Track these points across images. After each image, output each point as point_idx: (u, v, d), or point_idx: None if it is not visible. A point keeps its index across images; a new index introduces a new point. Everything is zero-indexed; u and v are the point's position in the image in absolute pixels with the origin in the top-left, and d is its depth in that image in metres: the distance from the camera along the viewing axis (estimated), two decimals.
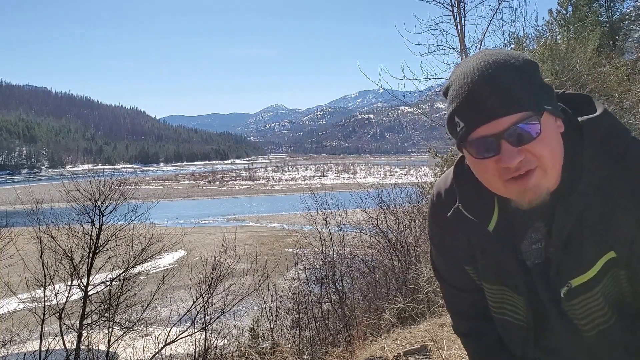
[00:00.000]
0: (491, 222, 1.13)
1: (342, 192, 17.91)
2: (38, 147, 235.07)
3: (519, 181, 0.98)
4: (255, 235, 35.31)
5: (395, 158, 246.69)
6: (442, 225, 1.24)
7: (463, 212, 1.15)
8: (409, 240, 11.29)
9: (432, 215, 1.29)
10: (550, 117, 1.00)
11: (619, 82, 11.98)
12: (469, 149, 1.01)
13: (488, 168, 1.00)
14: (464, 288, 1.31)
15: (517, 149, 0.96)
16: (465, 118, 0.99)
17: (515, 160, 0.96)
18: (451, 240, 1.24)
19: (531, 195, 1.00)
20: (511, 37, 11.62)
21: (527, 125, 0.96)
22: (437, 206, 1.26)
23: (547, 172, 0.99)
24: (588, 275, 1.04)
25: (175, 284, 12.41)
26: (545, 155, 0.97)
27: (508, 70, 0.97)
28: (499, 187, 1.02)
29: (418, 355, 4.45)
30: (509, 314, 1.20)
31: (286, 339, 10.42)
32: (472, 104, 0.97)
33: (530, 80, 0.99)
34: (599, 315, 1.07)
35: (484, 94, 0.96)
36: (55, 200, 12.67)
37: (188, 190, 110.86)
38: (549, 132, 0.99)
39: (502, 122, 0.95)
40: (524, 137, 0.96)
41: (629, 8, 18.64)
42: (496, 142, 0.97)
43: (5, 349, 9.29)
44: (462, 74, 1.01)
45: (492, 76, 0.97)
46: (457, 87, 1.00)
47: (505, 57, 1.00)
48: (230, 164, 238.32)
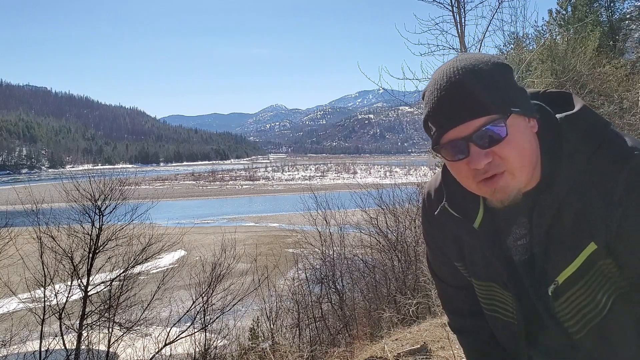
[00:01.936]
0: (477, 220, 1.17)
1: (342, 192, 17.91)
2: (38, 147, 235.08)
3: (488, 183, 1.02)
4: (255, 235, 35.29)
5: (395, 158, 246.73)
6: (432, 223, 1.29)
7: (449, 210, 1.19)
8: (409, 240, 11.30)
9: (424, 214, 1.34)
10: (520, 119, 1.03)
11: (619, 82, 11.98)
12: (443, 152, 1.05)
13: (461, 170, 1.05)
14: (456, 285, 1.34)
15: (485, 152, 1.00)
16: (436, 123, 1.03)
17: (483, 162, 1.00)
18: (441, 238, 1.29)
19: (501, 196, 1.04)
20: (511, 37, 11.64)
21: (494, 127, 0.99)
22: (427, 205, 1.31)
23: (515, 174, 1.02)
24: (571, 268, 1.06)
25: (175, 284, 12.41)
26: (511, 158, 1.00)
27: (475, 75, 1.01)
28: (473, 187, 1.06)
29: (418, 355, 4.45)
30: (499, 311, 1.22)
31: (286, 339, 10.41)
32: (441, 109, 1.02)
33: (497, 83, 1.02)
34: (588, 310, 1.08)
35: (451, 99, 1.00)
36: (55, 200, 12.66)
37: (188, 190, 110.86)
38: (518, 134, 1.02)
39: (469, 126, 0.99)
40: (491, 140, 0.99)
41: (629, 8, 18.63)
42: (465, 144, 1.01)
43: (5, 349, 9.29)
44: (434, 80, 1.05)
45: (458, 82, 1.00)
46: (429, 93, 1.05)
47: (474, 62, 1.03)
48: (230, 164, 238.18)
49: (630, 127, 9.73)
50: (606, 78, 11.77)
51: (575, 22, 15.00)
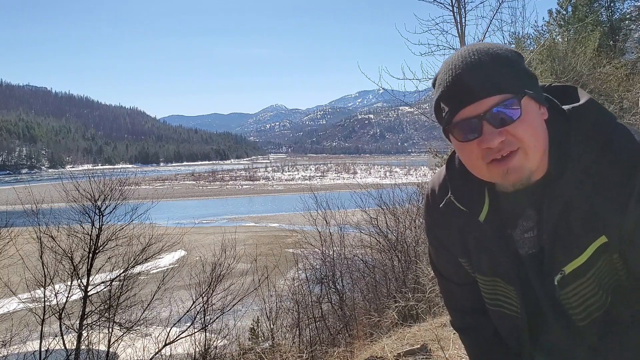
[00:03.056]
0: (482, 213, 1.16)
1: (342, 192, 17.91)
2: (38, 147, 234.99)
3: (502, 163, 1.01)
4: (255, 235, 35.28)
5: (395, 158, 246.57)
6: (435, 218, 1.28)
7: (455, 203, 1.18)
8: (409, 240, 11.29)
9: (427, 210, 1.33)
10: (532, 103, 1.03)
11: (619, 82, 11.98)
12: (454, 132, 1.04)
13: (472, 150, 1.03)
14: (459, 282, 1.34)
15: (498, 130, 0.99)
16: (450, 102, 1.03)
17: (496, 141, 0.99)
18: (445, 233, 1.28)
19: (514, 177, 1.03)
20: (511, 37, 11.62)
21: (507, 108, 0.99)
22: (431, 200, 1.30)
23: (528, 153, 1.01)
24: (580, 260, 1.06)
25: (175, 284, 12.41)
26: (526, 137, 1.00)
27: (490, 57, 1.02)
28: (482, 170, 1.05)
29: (418, 355, 4.45)
30: (504, 306, 1.22)
31: (286, 339, 10.42)
32: (455, 88, 1.02)
33: (512, 66, 1.03)
34: (593, 301, 1.09)
35: (466, 77, 1.00)
36: (55, 201, 12.65)
37: (188, 190, 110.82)
38: (531, 116, 1.02)
39: (483, 104, 0.99)
40: (504, 119, 0.99)
41: (629, 8, 18.63)
42: (478, 123, 1.00)
43: (5, 349, 9.28)
44: (448, 63, 1.06)
45: (474, 62, 1.01)
46: (443, 75, 1.06)
47: (489, 46, 1.05)
48: (230, 164, 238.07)
49: None
50: (606, 78, 11.77)
51: (575, 22, 15.01)
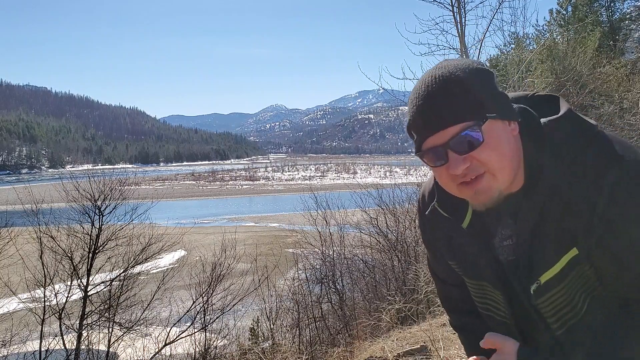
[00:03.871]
0: (465, 220, 1.21)
1: (342, 192, 17.92)
2: (38, 147, 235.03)
3: (469, 185, 1.05)
4: (255, 235, 35.26)
5: (395, 158, 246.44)
6: (425, 223, 1.34)
7: (439, 210, 1.22)
8: (409, 241, 11.30)
9: (419, 214, 1.38)
10: (498, 123, 1.05)
11: (619, 82, 11.98)
12: (424, 158, 1.09)
13: (442, 174, 1.09)
14: (453, 283, 1.38)
15: (462, 157, 1.03)
16: (417, 131, 1.07)
17: (460, 168, 1.03)
18: (434, 237, 1.34)
19: (483, 198, 1.07)
20: (511, 37, 11.63)
21: (471, 133, 1.02)
22: (421, 205, 1.35)
23: (496, 175, 1.04)
24: (553, 270, 1.09)
25: (175, 284, 12.41)
26: (491, 161, 1.03)
27: (451, 83, 1.03)
28: (454, 190, 1.10)
29: (418, 356, 4.45)
30: (492, 310, 1.25)
31: (286, 339, 10.43)
32: (419, 118, 1.06)
33: (473, 90, 1.04)
34: (567, 311, 1.11)
35: (427, 108, 1.04)
36: (55, 200, 12.65)
37: (188, 190, 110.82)
38: (495, 138, 1.04)
39: (446, 133, 1.02)
40: (468, 145, 1.02)
41: (629, 8, 18.64)
42: (443, 151, 1.04)
43: (5, 349, 9.29)
44: (415, 89, 1.09)
45: (434, 91, 1.04)
46: (410, 102, 1.09)
47: (452, 69, 1.05)
48: (230, 164, 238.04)
49: (630, 127, 9.72)
50: (606, 78, 11.76)
51: (575, 22, 15.01)
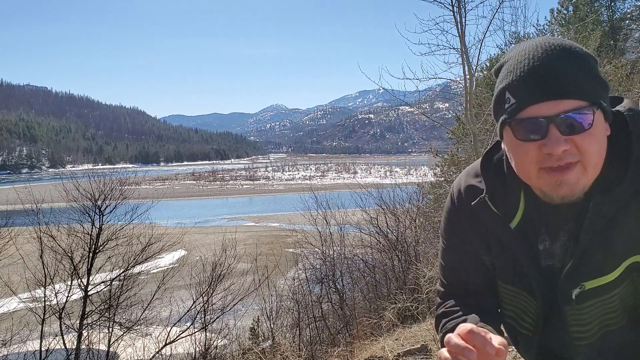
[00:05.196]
0: (514, 220, 1.09)
1: (342, 192, 17.90)
2: (38, 147, 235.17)
3: (557, 172, 0.93)
4: (255, 235, 35.27)
5: (395, 158, 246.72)
6: (460, 217, 1.18)
7: (488, 203, 1.10)
8: (409, 240, 11.28)
9: (452, 207, 1.21)
10: (601, 116, 0.95)
11: (619, 82, 11.96)
12: (514, 129, 0.95)
13: (528, 152, 0.94)
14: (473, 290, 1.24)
15: (564, 138, 0.91)
16: (519, 94, 0.94)
17: (561, 148, 0.90)
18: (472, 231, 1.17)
19: (566, 191, 0.94)
20: (512, 36, 11.61)
21: (580, 115, 0.91)
22: (457, 200, 1.19)
23: (587, 169, 0.93)
24: (608, 277, 1.00)
25: (175, 283, 12.40)
26: (590, 152, 0.92)
27: (573, 56, 0.93)
28: (532, 175, 0.97)
29: (418, 355, 4.45)
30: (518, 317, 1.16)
31: (286, 338, 10.42)
32: (530, 80, 0.92)
33: (592, 71, 0.94)
34: (610, 317, 1.04)
35: (546, 72, 0.91)
36: (55, 200, 12.65)
37: (188, 190, 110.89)
38: (600, 130, 0.94)
39: (557, 106, 0.90)
40: (574, 127, 0.91)
41: (629, 7, 18.65)
42: (546, 124, 0.91)
43: (5, 349, 9.29)
44: (523, 50, 0.96)
45: (556, 57, 0.92)
46: (515, 62, 0.96)
47: (569, 43, 0.96)
48: (230, 163, 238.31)
49: None
50: (606, 78, 11.75)
51: (576, 22, 14.99)
